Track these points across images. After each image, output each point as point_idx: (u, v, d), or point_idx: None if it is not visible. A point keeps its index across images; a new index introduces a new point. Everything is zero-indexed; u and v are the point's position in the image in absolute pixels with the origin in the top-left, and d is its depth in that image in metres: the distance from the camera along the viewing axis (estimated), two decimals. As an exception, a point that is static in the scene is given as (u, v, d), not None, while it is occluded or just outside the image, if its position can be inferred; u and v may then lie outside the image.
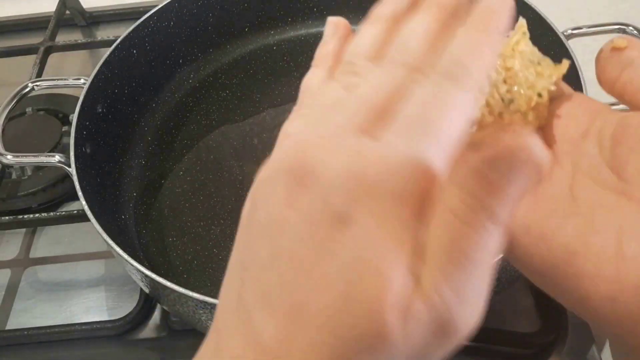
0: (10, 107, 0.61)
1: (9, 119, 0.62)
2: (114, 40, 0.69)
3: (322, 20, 0.80)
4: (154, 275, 0.49)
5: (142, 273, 0.50)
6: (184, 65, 0.75)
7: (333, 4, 0.79)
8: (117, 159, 0.66)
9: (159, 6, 0.71)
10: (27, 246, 0.70)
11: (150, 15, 0.70)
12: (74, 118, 0.60)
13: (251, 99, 0.74)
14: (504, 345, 0.57)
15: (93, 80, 0.64)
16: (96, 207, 0.55)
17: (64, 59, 0.90)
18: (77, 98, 0.63)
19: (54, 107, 0.80)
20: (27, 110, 0.79)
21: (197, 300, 0.47)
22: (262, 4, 0.78)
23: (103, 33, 0.94)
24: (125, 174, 0.66)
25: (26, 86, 0.63)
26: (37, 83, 0.64)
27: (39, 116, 0.79)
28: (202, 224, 0.63)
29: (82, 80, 0.64)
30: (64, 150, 0.62)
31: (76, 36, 0.95)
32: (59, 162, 0.57)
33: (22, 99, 0.63)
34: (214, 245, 0.61)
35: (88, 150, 0.61)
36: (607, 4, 0.88)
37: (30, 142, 0.75)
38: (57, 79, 0.66)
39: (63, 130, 0.76)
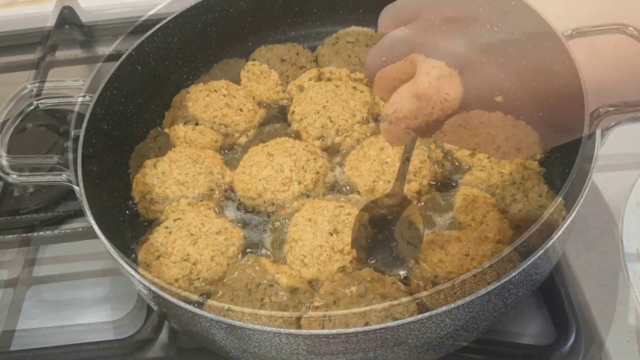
0: (15, 124, 0.61)
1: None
2: (115, 55, 0.68)
3: (321, 22, 0.80)
4: (167, 296, 0.48)
5: (155, 293, 0.49)
6: (187, 81, 0.75)
7: (332, 6, 0.79)
8: (123, 176, 0.66)
9: (163, 22, 0.71)
10: (30, 264, 0.69)
11: (154, 32, 0.70)
12: (81, 136, 0.60)
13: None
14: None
15: (98, 97, 0.63)
16: (103, 225, 0.55)
17: (63, 74, 0.89)
18: (78, 112, 0.62)
19: (54, 122, 0.79)
20: (27, 126, 0.78)
21: (213, 320, 0.46)
22: (265, 18, 0.78)
23: (102, 47, 0.94)
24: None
25: (31, 104, 0.62)
26: (42, 101, 0.63)
27: (39, 131, 0.78)
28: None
29: (87, 97, 0.63)
30: (66, 165, 0.62)
31: (75, 51, 0.94)
32: (67, 180, 0.57)
33: (26, 117, 0.62)
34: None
35: (95, 169, 0.60)
36: (607, 3, 0.88)
37: (32, 158, 0.74)
38: (60, 97, 0.65)
39: (65, 145, 0.75)
